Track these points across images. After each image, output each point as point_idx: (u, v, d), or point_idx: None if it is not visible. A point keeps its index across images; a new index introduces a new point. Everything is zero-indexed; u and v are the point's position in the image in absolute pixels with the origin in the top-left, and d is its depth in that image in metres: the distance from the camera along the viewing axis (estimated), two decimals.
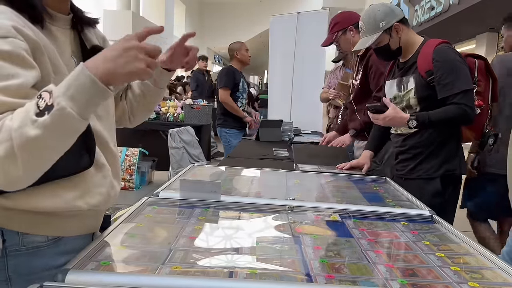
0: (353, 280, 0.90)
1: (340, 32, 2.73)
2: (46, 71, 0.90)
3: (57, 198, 0.93)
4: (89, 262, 0.90)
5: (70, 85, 0.79)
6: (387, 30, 2.06)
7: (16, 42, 0.85)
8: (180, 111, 5.80)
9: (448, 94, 1.93)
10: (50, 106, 0.76)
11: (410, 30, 2.12)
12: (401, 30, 2.07)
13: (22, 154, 0.76)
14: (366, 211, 1.41)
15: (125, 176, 5.10)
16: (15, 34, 0.86)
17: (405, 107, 2.08)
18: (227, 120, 4.32)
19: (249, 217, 1.32)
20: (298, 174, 2.14)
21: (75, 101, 0.78)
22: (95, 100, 0.81)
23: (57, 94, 0.77)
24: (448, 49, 2.00)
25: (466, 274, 0.95)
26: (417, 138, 2.07)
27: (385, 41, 2.08)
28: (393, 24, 2.05)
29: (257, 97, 11.26)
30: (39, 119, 0.76)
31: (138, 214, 1.27)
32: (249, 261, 0.98)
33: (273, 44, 5.99)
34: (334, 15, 2.90)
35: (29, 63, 0.86)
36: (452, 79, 1.92)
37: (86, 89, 0.79)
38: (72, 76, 0.80)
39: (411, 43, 2.09)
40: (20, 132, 0.76)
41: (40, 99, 0.78)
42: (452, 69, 1.94)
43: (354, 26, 2.67)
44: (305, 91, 5.58)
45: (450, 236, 1.23)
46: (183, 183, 1.44)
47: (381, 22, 2.06)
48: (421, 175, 2.06)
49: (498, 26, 3.68)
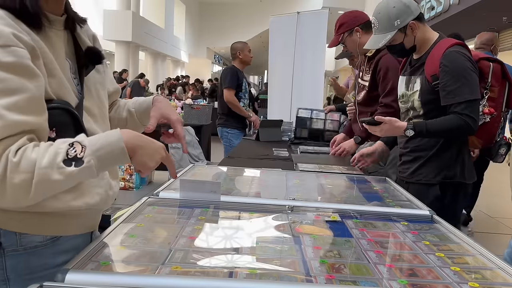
0: (353, 280, 0.89)
1: (347, 33, 2.63)
2: (41, 74, 0.90)
3: (55, 199, 0.93)
4: (89, 262, 0.90)
5: (102, 147, 0.87)
6: (402, 29, 1.96)
7: (18, 51, 0.85)
8: (180, 111, 5.81)
9: (451, 102, 1.85)
10: (79, 160, 0.84)
11: (426, 27, 2.01)
12: (417, 28, 1.97)
13: (37, 189, 0.83)
14: (366, 211, 1.41)
15: (125, 176, 5.10)
16: (16, 43, 0.85)
17: (410, 108, 2.03)
18: (229, 120, 4.31)
19: (249, 217, 1.32)
20: (298, 174, 2.14)
21: (101, 162, 0.87)
22: (114, 164, 0.93)
23: (89, 152, 0.85)
24: (458, 53, 1.88)
25: (466, 274, 0.95)
26: (417, 141, 2.01)
27: (399, 40, 1.99)
28: (408, 23, 1.95)
29: (257, 97, 11.27)
30: (66, 168, 0.83)
31: (138, 214, 1.27)
32: (249, 261, 0.98)
33: (273, 44, 5.99)
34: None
35: (33, 72, 0.86)
36: (457, 87, 1.84)
37: (115, 156, 0.89)
38: (107, 139, 0.88)
39: (426, 40, 1.99)
40: (44, 172, 0.82)
41: (71, 147, 0.85)
42: (459, 76, 1.84)
43: (360, 27, 2.59)
44: (305, 91, 5.58)
45: (450, 236, 1.23)
46: (183, 183, 1.44)
47: (396, 20, 1.95)
48: (420, 180, 2.00)
49: (498, 26, 3.69)
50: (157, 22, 21.31)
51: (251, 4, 24.96)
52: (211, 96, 13.30)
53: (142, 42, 18.69)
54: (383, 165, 2.59)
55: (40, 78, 0.88)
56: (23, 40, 0.87)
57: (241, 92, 4.30)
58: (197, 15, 28.71)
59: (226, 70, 4.38)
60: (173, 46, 24.08)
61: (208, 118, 5.84)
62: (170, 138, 1.20)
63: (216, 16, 27.35)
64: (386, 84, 2.48)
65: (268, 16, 6.24)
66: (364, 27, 2.57)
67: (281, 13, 6.89)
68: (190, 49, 27.92)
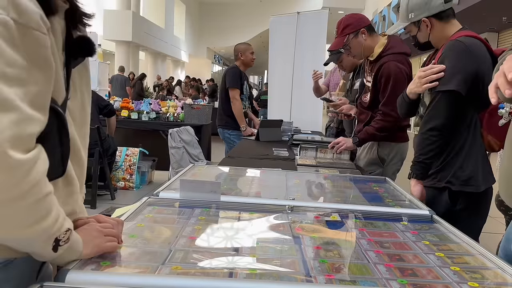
0: (353, 280, 0.90)
1: (352, 35, 2.54)
2: None
3: None
4: (89, 262, 0.90)
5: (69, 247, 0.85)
6: (416, 23, 1.92)
7: (42, 38, 0.74)
8: (180, 111, 5.81)
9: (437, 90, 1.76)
10: (57, 245, 0.81)
11: (447, 25, 1.90)
12: (432, 26, 1.89)
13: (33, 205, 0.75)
14: (366, 211, 1.41)
15: (125, 176, 5.10)
16: (42, 28, 0.74)
17: (421, 104, 1.93)
18: (229, 122, 4.31)
19: (249, 217, 1.32)
20: (298, 174, 2.14)
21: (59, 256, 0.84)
22: None
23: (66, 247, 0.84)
24: (457, 42, 1.79)
25: (466, 274, 0.95)
26: None
27: (412, 32, 1.96)
28: (421, 19, 1.89)
29: (258, 97, 11.28)
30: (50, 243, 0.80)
31: (138, 214, 1.27)
32: (249, 261, 0.98)
33: (273, 44, 5.99)
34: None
35: (49, 64, 0.77)
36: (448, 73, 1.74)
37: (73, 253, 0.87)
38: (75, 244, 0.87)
39: (446, 37, 1.89)
40: None
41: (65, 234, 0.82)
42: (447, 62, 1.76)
43: (366, 29, 2.54)
44: (305, 91, 5.58)
45: (450, 236, 1.23)
46: (183, 183, 1.44)
47: (410, 13, 1.92)
48: (434, 184, 1.87)
49: (498, 26, 3.67)
50: (157, 22, 21.32)
51: (251, 4, 24.98)
52: (211, 96, 13.33)
53: (142, 42, 18.70)
54: (383, 164, 2.59)
55: (53, 71, 0.78)
56: (46, 23, 0.76)
57: (242, 94, 4.32)
58: (197, 15, 28.72)
59: (231, 71, 4.39)
60: (173, 46, 24.09)
61: (208, 118, 5.84)
62: None
63: (216, 16, 27.37)
64: (386, 92, 2.43)
65: (268, 16, 6.24)
66: (368, 29, 2.55)
67: (281, 13, 6.90)
68: (190, 49, 27.92)
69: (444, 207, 1.80)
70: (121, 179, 5.08)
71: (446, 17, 1.90)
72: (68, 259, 0.87)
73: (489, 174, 1.85)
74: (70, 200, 0.92)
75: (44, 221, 0.76)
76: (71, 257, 0.87)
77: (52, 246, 0.80)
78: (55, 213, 0.79)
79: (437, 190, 1.86)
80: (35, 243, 0.79)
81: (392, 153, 2.56)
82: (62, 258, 0.86)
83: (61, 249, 0.82)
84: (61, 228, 0.81)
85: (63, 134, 0.84)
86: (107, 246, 0.94)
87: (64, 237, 0.82)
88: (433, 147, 1.80)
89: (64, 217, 0.82)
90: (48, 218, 0.77)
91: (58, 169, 0.85)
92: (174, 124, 5.47)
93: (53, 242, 0.80)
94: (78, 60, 0.92)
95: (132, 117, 5.76)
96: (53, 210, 0.78)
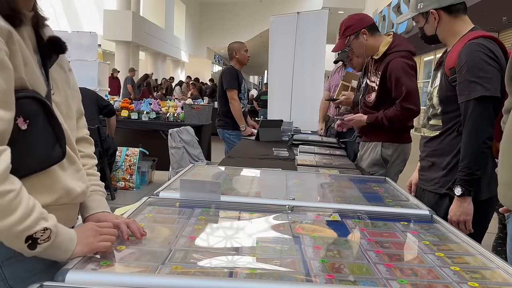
0: (353, 280, 0.90)
1: (353, 36, 2.54)
2: (17, 61, 0.87)
3: None
4: (89, 262, 0.90)
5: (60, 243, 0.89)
6: (424, 14, 1.88)
7: None
8: (180, 111, 5.81)
9: (462, 100, 1.71)
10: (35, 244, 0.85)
11: (457, 20, 1.85)
12: (440, 19, 1.84)
13: None
14: (366, 211, 1.41)
15: (125, 176, 5.10)
16: None
17: (430, 105, 1.91)
18: (228, 122, 4.31)
19: (249, 217, 1.32)
20: (298, 174, 2.14)
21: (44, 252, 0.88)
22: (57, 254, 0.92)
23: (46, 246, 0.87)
24: (477, 45, 1.72)
25: (466, 274, 0.95)
26: (435, 145, 1.88)
27: (420, 23, 1.92)
28: (429, 10, 1.85)
29: (258, 97, 11.28)
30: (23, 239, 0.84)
31: (138, 214, 1.27)
32: (249, 261, 0.98)
33: (273, 44, 5.99)
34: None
35: (6, 65, 0.83)
36: (469, 82, 1.69)
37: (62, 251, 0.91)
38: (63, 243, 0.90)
39: (454, 33, 1.85)
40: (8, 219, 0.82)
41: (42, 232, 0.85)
42: (472, 70, 1.69)
43: (367, 29, 2.53)
44: (305, 91, 5.58)
45: (450, 236, 1.23)
46: (183, 183, 1.44)
47: (420, 3, 1.88)
48: (436, 189, 1.86)
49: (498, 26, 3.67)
50: (157, 22, 21.31)
51: (251, 4, 24.98)
52: (211, 96, 13.33)
53: (142, 42, 18.69)
54: (386, 166, 2.58)
55: (10, 71, 0.85)
56: (2, 26, 0.84)
57: (241, 93, 4.31)
58: (197, 15, 28.71)
59: (227, 71, 4.38)
60: (173, 46, 24.08)
61: (208, 118, 5.84)
62: None
63: (216, 16, 27.37)
64: (400, 88, 2.38)
65: (268, 16, 6.24)
66: (370, 29, 2.53)
67: (281, 13, 6.90)
68: (190, 49, 27.92)
69: (445, 213, 1.77)
70: (121, 179, 5.07)
71: (456, 11, 1.85)
72: (59, 255, 0.90)
73: (494, 183, 1.74)
74: (79, 175, 1.03)
75: (4, 219, 0.81)
76: (62, 255, 0.90)
77: (27, 244, 0.84)
78: (23, 212, 0.83)
79: (438, 195, 1.85)
80: (1, 237, 0.84)
81: (396, 154, 2.54)
82: (49, 255, 0.89)
83: (40, 247, 0.85)
84: (32, 227, 0.84)
85: (51, 117, 0.93)
86: (99, 246, 0.95)
87: (43, 236, 0.85)
88: (487, 159, 1.73)
89: (40, 217, 0.86)
90: (11, 217, 0.81)
91: (57, 151, 0.95)
92: (174, 124, 5.47)
93: (26, 239, 0.83)
94: (53, 57, 1.02)
95: (132, 117, 5.76)
96: (18, 209, 0.82)
